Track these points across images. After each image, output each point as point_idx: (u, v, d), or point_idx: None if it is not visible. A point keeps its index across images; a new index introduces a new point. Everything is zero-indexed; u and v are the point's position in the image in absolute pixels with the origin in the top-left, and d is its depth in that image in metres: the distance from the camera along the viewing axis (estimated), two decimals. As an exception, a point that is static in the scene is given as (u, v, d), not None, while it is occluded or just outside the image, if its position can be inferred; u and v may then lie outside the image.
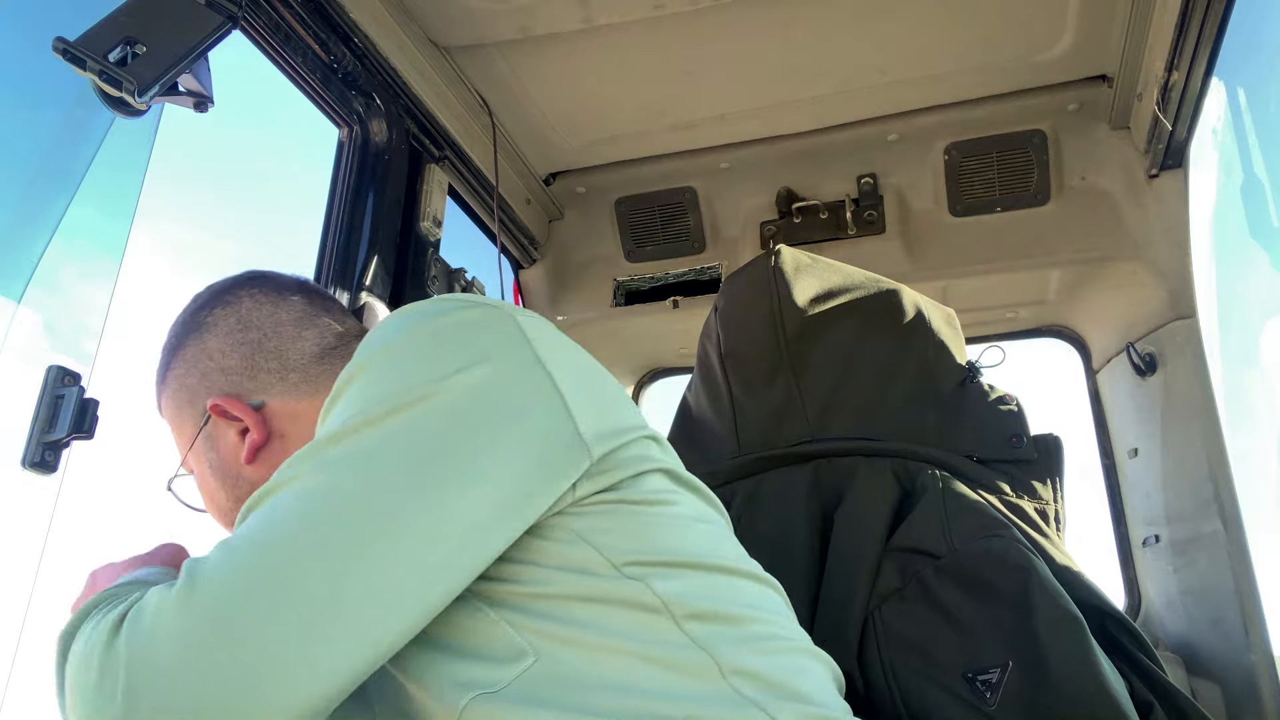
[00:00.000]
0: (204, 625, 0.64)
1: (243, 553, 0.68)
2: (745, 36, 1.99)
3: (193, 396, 1.06)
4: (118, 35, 1.25)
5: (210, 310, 1.08)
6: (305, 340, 1.06)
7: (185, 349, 1.07)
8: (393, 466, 0.71)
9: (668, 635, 0.75)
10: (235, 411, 1.02)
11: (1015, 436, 1.36)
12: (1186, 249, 2.11)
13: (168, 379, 1.09)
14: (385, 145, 1.87)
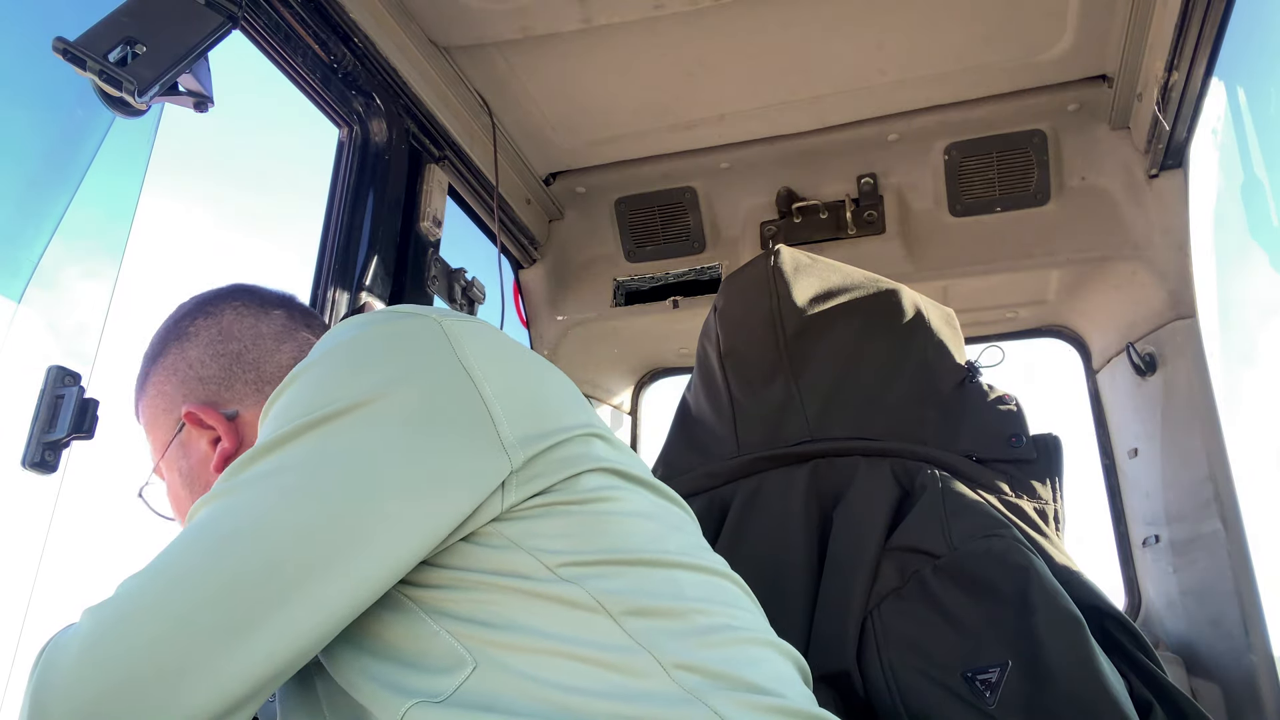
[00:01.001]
0: (104, 629, 0.66)
1: (159, 562, 0.69)
2: (745, 36, 1.99)
3: (169, 404, 1.07)
4: (118, 35, 1.25)
5: (193, 320, 1.10)
6: (283, 354, 1.09)
7: (166, 356, 1.09)
8: (315, 479, 0.72)
9: (607, 634, 0.75)
10: (209, 420, 1.03)
11: (1014, 436, 1.36)
12: (1186, 249, 2.11)
13: (146, 386, 1.10)
14: (385, 145, 1.87)
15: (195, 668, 0.65)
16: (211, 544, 0.69)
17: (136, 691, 0.63)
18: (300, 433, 0.74)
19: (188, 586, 0.67)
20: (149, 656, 0.64)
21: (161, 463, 1.09)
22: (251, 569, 0.68)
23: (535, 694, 0.71)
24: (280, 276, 2.79)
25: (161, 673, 0.64)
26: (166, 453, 1.07)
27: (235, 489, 0.73)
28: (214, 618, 0.66)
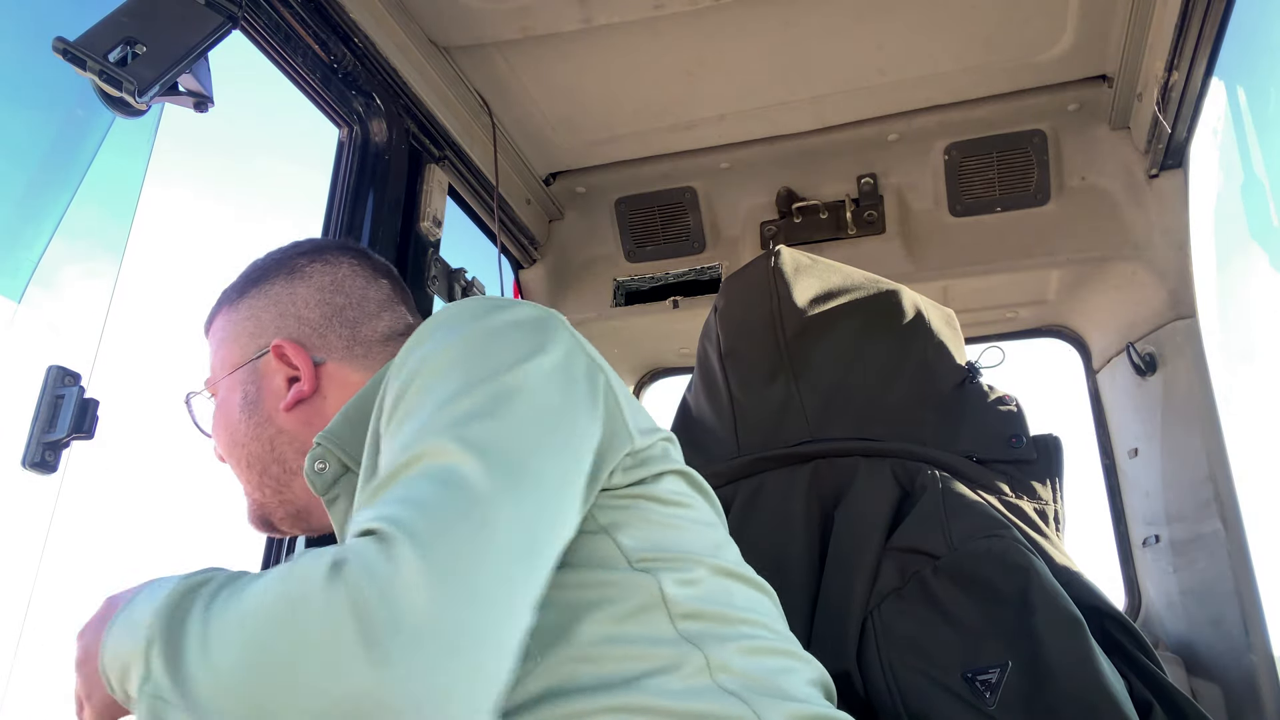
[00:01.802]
0: (448, 577, 0.64)
1: (455, 510, 0.67)
2: (745, 36, 1.99)
3: (259, 329, 1.08)
4: (118, 35, 1.25)
5: (310, 261, 1.12)
6: (381, 322, 1.11)
7: (273, 284, 1.10)
8: (525, 427, 0.75)
9: (662, 632, 0.78)
10: (296, 359, 1.05)
11: (1014, 437, 1.36)
12: (1186, 249, 2.11)
13: (239, 304, 1.11)
14: (385, 145, 1.87)
15: (520, 591, 0.67)
16: (502, 497, 0.70)
17: (481, 637, 0.63)
18: (497, 387, 0.77)
19: (503, 535, 0.68)
20: (495, 583, 0.65)
21: (225, 380, 1.09)
22: (532, 507, 0.71)
23: (588, 688, 0.74)
24: (280, 276, 2.82)
25: (507, 594, 0.66)
26: (236, 373, 1.08)
27: (475, 437, 0.73)
28: (522, 547, 0.69)
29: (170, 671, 0.65)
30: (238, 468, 1.09)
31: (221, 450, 1.11)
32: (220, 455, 1.13)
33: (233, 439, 1.07)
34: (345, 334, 1.08)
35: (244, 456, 1.07)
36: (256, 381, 1.07)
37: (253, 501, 1.09)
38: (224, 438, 1.09)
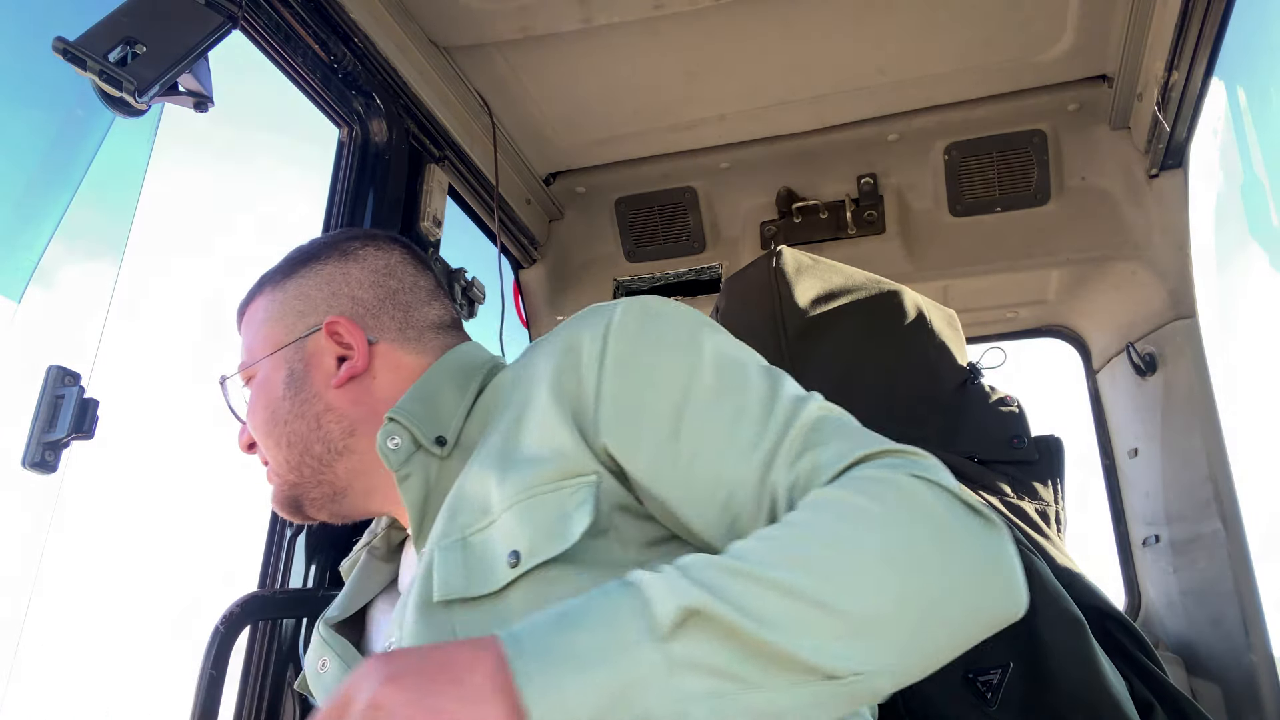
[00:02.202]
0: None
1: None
2: (745, 36, 1.99)
3: (309, 307, 1.09)
4: (118, 35, 1.25)
5: (364, 245, 1.14)
6: (432, 309, 1.13)
7: (324, 265, 1.11)
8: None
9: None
10: (351, 337, 1.06)
11: (1016, 438, 1.36)
12: (1186, 249, 2.11)
13: (285, 285, 1.11)
14: (385, 145, 1.87)
15: None
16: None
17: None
18: (761, 365, 0.90)
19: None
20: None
21: (268, 360, 1.08)
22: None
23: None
24: (279, 276, 2.85)
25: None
26: (281, 351, 1.08)
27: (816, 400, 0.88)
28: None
29: (763, 653, 0.62)
30: (275, 448, 1.07)
31: (258, 431, 1.08)
32: (247, 443, 1.11)
33: (274, 417, 1.06)
34: (399, 316, 1.09)
35: (285, 435, 1.05)
36: (304, 359, 1.07)
37: (285, 483, 1.07)
38: (262, 417, 1.07)
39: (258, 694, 1.45)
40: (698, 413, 0.84)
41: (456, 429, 0.98)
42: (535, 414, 0.90)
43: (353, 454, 1.04)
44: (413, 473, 0.96)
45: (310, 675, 1.02)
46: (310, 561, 1.59)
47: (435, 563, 0.86)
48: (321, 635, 1.02)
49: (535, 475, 0.85)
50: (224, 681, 1.26)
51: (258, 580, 1.57)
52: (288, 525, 1.59)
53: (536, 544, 0.82)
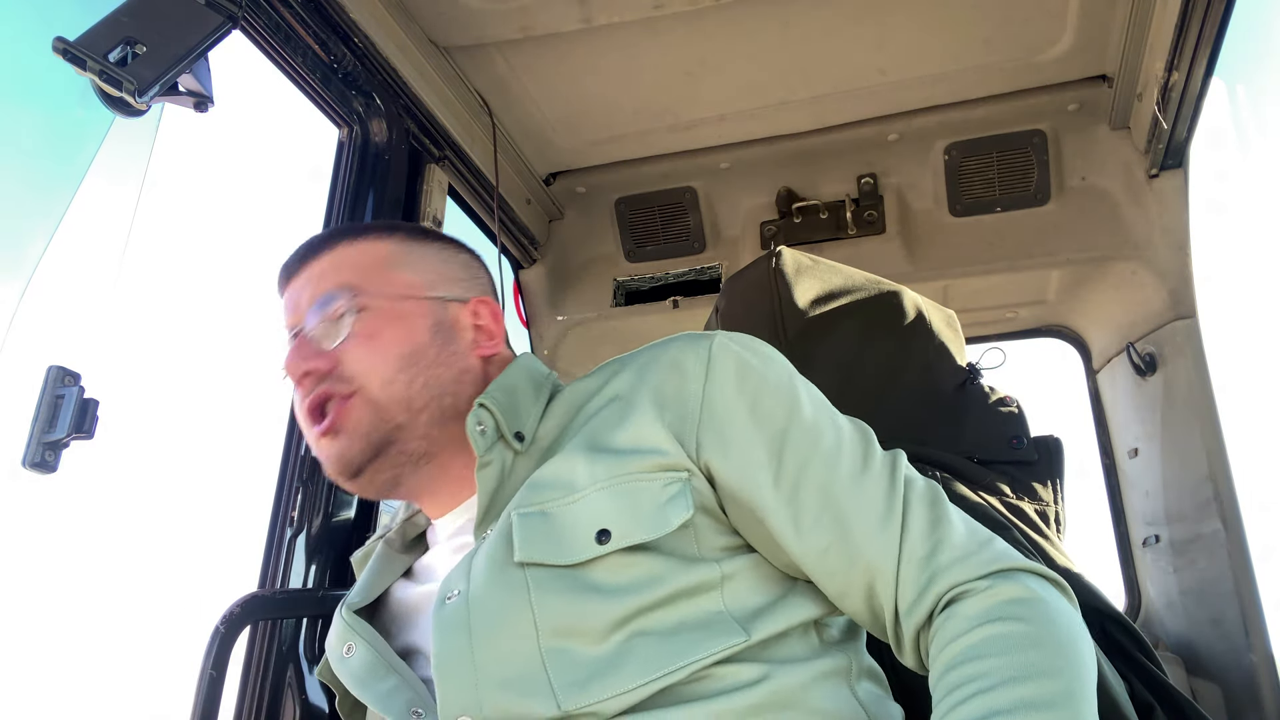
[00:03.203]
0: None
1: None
2: (745, 36, 1.99)
3: (454, 278, 1.12)
4: (118, 35, 1.25)
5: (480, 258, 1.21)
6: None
7: (462, 251, 1.17)
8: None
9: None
10: (490, 320, 1.11)
11: (1015, 438, 1.36)
12: (1186, 249, 2.11)
13: (425, 246, 1.13)
14: (385, 145, 1.87)
15: None
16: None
17: None
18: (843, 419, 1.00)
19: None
20: None
21: (405, 300, 1.05)
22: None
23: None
24: (279, 276, 2.85)
25: None
26: (429, 300, 1.07)
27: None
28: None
29: None
30: (403, 385, 1.01)
31: (384, 359, 1.01)
32: (321, 368, 1.01)
33: (414, 355, 1.02)
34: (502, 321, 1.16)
35: (422, 377, 1.02)
36: (450, 318, 1.08)
37: (388, 425, 1.00)
38: (400, 350, 1.02)
39: (258, 694, 1.45)
40: (800, 438, 0.93)
41: (532, 428, 1.02)
42: (632, 415, 0.94)
43: (457, 422, 1.03)
44: (492, 461, 0.98)
45: (335, 661, 1.01)
46: (310, 561, 1.59)
47: (515, 526, 0.89)
48: (346, 620, 1.01)
49: (630, 463, 0.90)
50: (224, 681, 1.26)
51: (258, 580, 1.57)
52: (288, 525, 1.59)
53: (628, 527, 0.87)
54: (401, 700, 0.90)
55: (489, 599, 0.86)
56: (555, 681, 0.82)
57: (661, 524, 0.88)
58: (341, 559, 1.66)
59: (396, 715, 0.89)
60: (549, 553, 0.87)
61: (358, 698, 0.96)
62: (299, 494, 1.60)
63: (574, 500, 0.90)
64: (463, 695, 0.83)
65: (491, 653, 0.84)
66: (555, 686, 0.81)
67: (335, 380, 1.01)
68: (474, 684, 0.83)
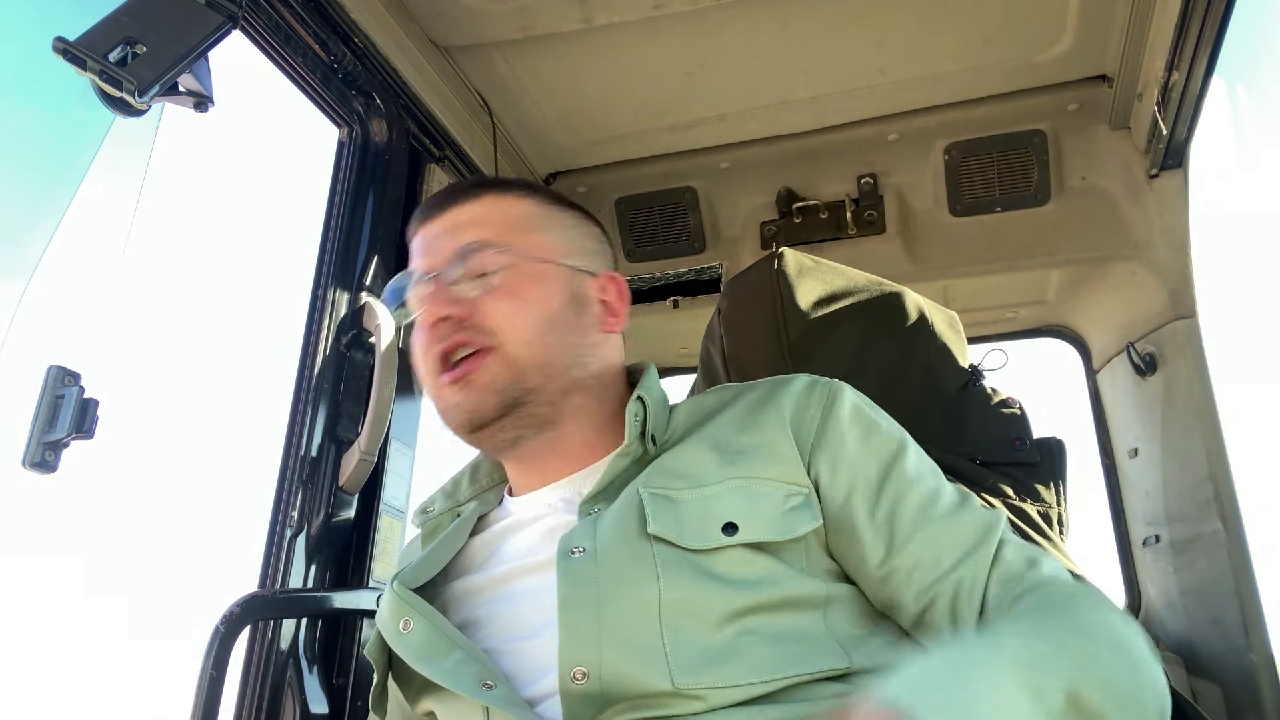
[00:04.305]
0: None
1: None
2: (745, 36, 1.99)
3: (584, 248, 1.11)
4: (118, 35, 1.25)
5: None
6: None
7: (594, 225, 1.17)
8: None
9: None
10: (616, 297, 1.11)
11: (1018, 440, 1.36)
12: (1186, 249, 2.11)
13: (563, 213, 1.13)
14: (385, 145, 1.87)
15: None
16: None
17: None
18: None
19: None
20: None
21: (547, 264, 1.05)
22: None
23: None
24: (280, 276, 2.82)
25: None
26: (566, 266, 1.06)
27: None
28: None
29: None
30: (542, 349, 1.01)
31: (523, 319, 1.01)
32: (459, 314, 1.00)
33: (551, 322, 1.02)
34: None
35: (559, 343, 1.02)
36: (583, 290, 1.08)
37: (522, 385, 1.00)
38: (540, 311, 1.02)
39: (258, 694, 1.45)
40: (902, 474, 0.97)
41: (662, 435, 1.05)
42: (761, 426, 0.99)
43: (587, 396, 1.05)
44: (629, 453, 1.00)
45: (391, 636, 0.99)
46: (310, 561, 1.59)
47: (645, 501, 0.92)
48: (401, 596, 1.00)
49: (760, 467, 0.95)
50: (224, 681, 1.26)
51: (258, 580, 1.57)
52: (288, 525, 1.59)
53: (755, 525, 0.90)
54: (470, 673, 0.90)
55: (618, 560, 0.88)
56: (671, 656, 0.83)
57: (787, 528, 0.91)
58: (341, 559, 1.66)
59: (468, 689, 0.89)
60: (678, 534, 0.89)
61: (421, 673, 0.95)
62: (299, 494, 1.60)
63: (703, 492, 0.93)
64: (585, 649, 0.84)
65: (617, 613, 0.85)
66: (671, 660, 0.83)
67: (473, 330, 1.00)
68: (597, 640, 0.84)
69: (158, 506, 3.99)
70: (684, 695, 0.82)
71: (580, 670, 0.83)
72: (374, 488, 1.72)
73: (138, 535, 3.62)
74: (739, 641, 0.85)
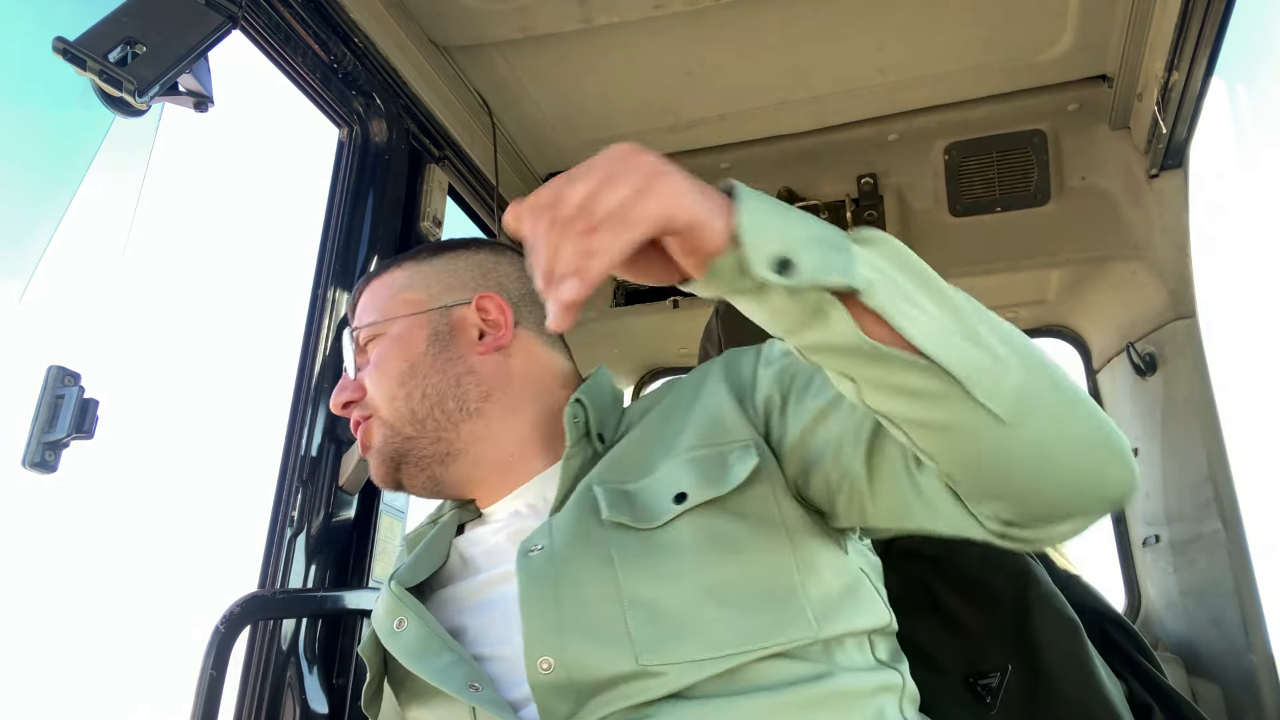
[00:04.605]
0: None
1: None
2: (745, 36, 1.99)
3: (458, 282, 1.17)
4: (118, 35, 1.25)
5: (509, 249, 1.23)
6: None
7: (476, 253, 1.21)
8: None
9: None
10: (498, 314, 1.15)
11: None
12: (1186, 249, 2.11)
13: (432, 261, 1.19)
14: (385, 145, 1.87)
15: None
16: None
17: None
18: None
19: None
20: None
21: (406, 319, 1.14)
22: None
23: None
24: (280, 276, 2.80)
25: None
26: (426, 313, 1.14)
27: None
28: None
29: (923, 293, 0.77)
30: (404, 400, 1.10)
31: (387, 381, 1.12)
32: (345, 400, 1.14)
33: (412, 369, 1.11)
34: (537, 312, 1.18)
35: (421, 387, 1.10)
36: (449, 324, 1.14)
37: (398, 437, 1.10)
38: (398, 368, 1.11)
39: (258, 694, 1.46)
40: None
41: (611, 433, 1.08)
42: (701, 401, 1.02)
43: (480, 418, 1.10)
44: (577, 454, 1.04)
45: (385, 634, 1.03)
46: (310, 561, 1.59)
47: (599, 495, 0.96)
48: (396, 594, 1.04)
49: (705, 436, 0.98)
50: (224, 681, 1.26)
51: (258, 580, 1.57)
52: (288, 525, 1.59)
53: (704, 488, 0.92)
54: (459, 674, 0.93)
55: (574, 551, 0.91)
56: (635, 635, 0.85)
57: (727, 481, 0.92)
58: (341, 559, 1.66)
59: (456, 688, 0.91)
60: (632, 517, 0.92)
61: (413, 671, 0.98)
62: (299, 494, 1.60)
63: (654, 476, 0.96)
64: (546, 639, 0.87)
65: (576, 601, 0.88)
66: (635, 640, 0.85)
67: (362, 406, 1.14)
68: (557, 629, 0.87)
69: (157, 506, 3.99)
70: (649, 674, 0.84)
71: (546, 660, 0.86)
72: (374, 488, 1.72)
73: (137, 535, 3.63)
74: (706, 614, 0.87)
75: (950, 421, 0.72)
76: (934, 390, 0.70)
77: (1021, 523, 0.77)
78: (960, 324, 0.74)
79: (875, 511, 0.89)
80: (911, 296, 0.73)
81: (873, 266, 0.72)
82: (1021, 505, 0.75)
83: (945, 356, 0.70)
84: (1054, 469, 0.73)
